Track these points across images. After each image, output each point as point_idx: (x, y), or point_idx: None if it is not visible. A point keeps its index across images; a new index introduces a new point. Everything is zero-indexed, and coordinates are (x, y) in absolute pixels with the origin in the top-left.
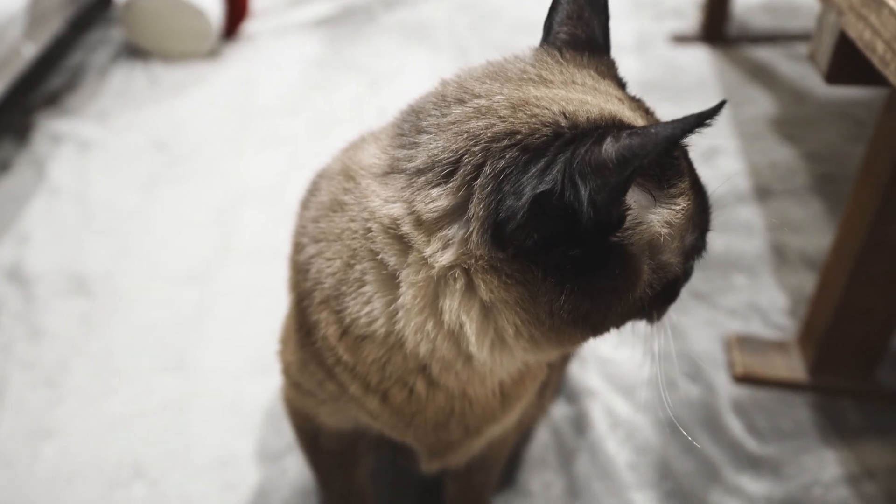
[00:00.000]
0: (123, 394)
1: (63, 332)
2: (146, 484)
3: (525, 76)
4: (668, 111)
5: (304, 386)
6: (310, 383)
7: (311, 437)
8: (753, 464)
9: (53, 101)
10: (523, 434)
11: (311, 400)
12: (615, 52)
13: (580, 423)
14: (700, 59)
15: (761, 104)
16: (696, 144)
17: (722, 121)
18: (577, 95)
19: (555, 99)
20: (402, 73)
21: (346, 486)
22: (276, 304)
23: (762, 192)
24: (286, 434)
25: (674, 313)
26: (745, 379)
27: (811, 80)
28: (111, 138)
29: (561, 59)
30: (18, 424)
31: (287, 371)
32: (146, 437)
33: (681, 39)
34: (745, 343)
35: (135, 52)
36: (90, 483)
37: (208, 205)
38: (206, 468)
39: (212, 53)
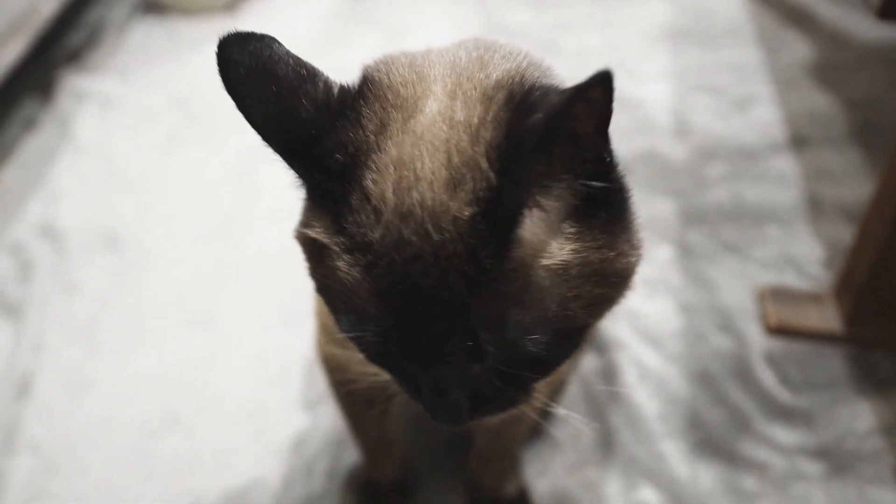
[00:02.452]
0: (155, 347)
1: (96, 287)
2: (181, 433)
3: None
4: (699, 59)
5: (332, 328)
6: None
7: (343, 385)
8: (785, 415)
9: (74, 57)
10: (554, 387)
11: (338, 344)
12: None
13: (609, 375)
14: (732, 2)
15: (798, 49)
16: (730, 93)
17: (757, 68)
18: None
19: None
20: (422, 26)
21: (377, 433)
22: (298, 259)
23: (798, 142)
24: (316, 385)
25: (705, 266)
26: (778, 331)
27: (852, 21)
28: (133, 95)
29: None
30: (58, 375)
31: (320, 314)
32: (179, 389)
33: None
34: (778, 295)
35: (152, 6)
36: (128, 433)
37: (230, 161)
38: (239, 419)
39: (229, 7)
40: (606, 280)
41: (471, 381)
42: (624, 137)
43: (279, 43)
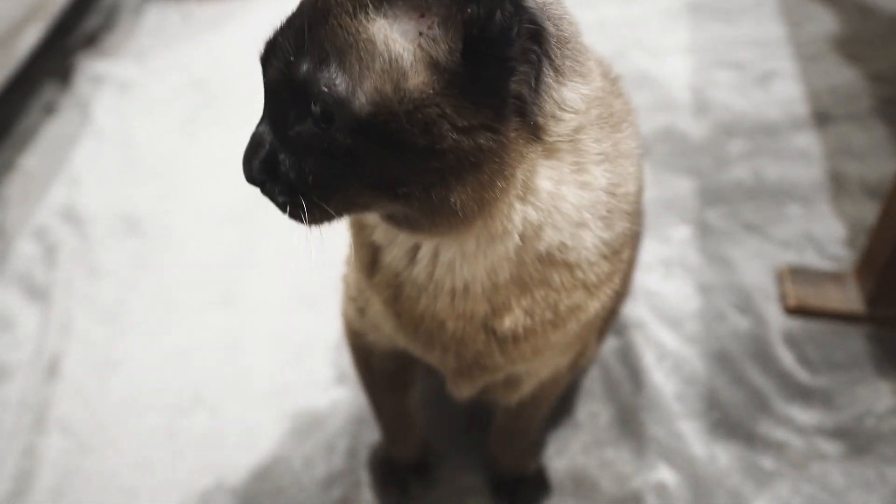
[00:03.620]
0: (178, 328)
1: (118, 270)
2: (207, 412)
3: None
4: (720, 34)
5: (358, 303)
6: (360, 300)
7: (364, 356)
8: (804, 395)
9: (92, 41)
10: (576, 373)
11: (363, 319)
12: None
13: (627, 355)
14: None
15: (822, 22)
16: (751, 69)
17: (779, 42)
18: None
19: None
20: None
21: (396, 408)
22: (318, 239)
23: (821, 118)
24: (336, 366)
25: (724, 245)
26: (797, 311)
27: None
28: (150, 78)
29: None
30: (86, 356)
31: (348, 290)
32: (203, 369)
33: None
34: (798, 274)
35: None
36: (156, 411)
37: (246, 142)
38: (262, 398)
39: None
40: (411, 109)
41: (283, 129)
42: (642, 115)
43: None
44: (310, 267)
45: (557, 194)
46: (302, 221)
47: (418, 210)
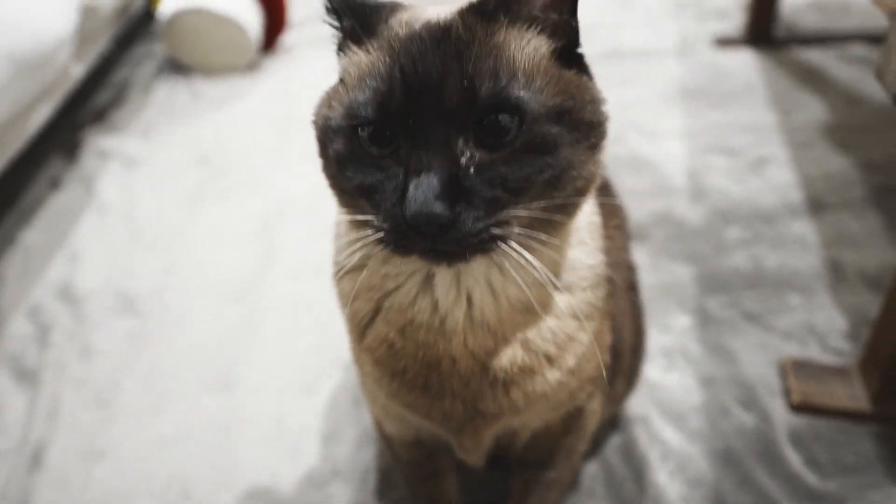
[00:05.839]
0: (171, 413)
1: (113, 351)
2: None
3: None
4: (713, 118)
5: (367, 385)
6: (360, 375)
7: (390, 445)
8: (814, 500)
9: (101, 117)
10: (582, 432)
11: (376, 405)
12: (656, 56)
13: (629, 453)
14: (745, 62)
15: (813, 110)
16: (745, 155)
17: (771, 128)
18: None
19: None
20: None
21: (430, 497)
22: (319, 320)
23: (816, 205)
24: (331, 458)
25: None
26: (802, 407)
27: (866, 83)
28: (156, 153)
29: None
30: (72, 444)
31: (365, 388)
32: (193, 457)
33: (725, 42)
34: (801, 368)
35: (177, 67)
36: None
37: (251, 218)
38: (253, 494)
39: (251, 66)
40: (567, 92)
41: (453, 166)
42: (639, 200)
43: None
44: (309, 349)
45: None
46: (493, 246)
47: (569, 195)
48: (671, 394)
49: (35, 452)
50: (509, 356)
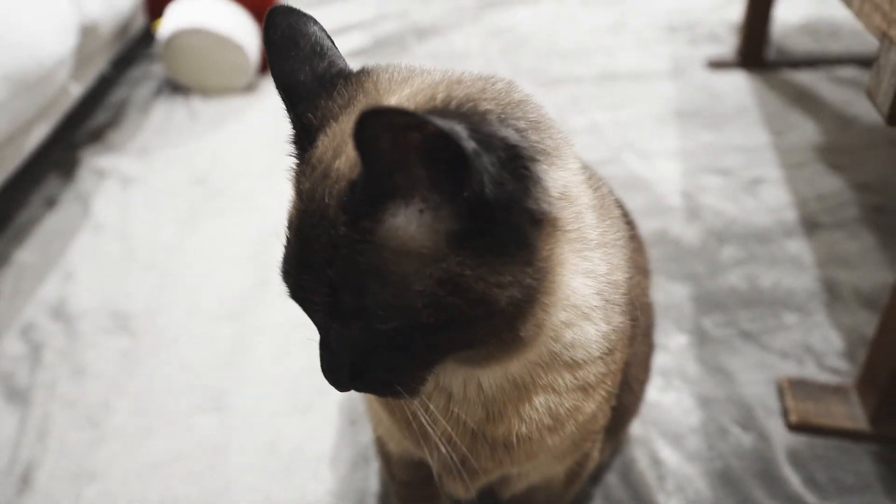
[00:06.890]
0: (162, 435)
1: (105, 371)
2: None
3: None
4: (706, 139)
5: (380, 413)
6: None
7: (386, 462)
8: None
9: (98, 136)
10: (581, 477)
11: (381, 426)
12: (650, 78)
13: (628, 474)
14: (738, 84)
15: (805, 131)
16: (739, 175)
17: (764, 149)
18: None
19: None
20: None
21: None
22: (312, 341)
23: (810, 225)
24: (323, 480)
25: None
26: (801, 427)
27: (857, 105)
28: (152, 173)
29: None
30: (62, 465)
31: (370, 406)
32: (184, 480)
33: (717, 65)
34: (799, 387)
35: (175, 87)
36: None
37: (246, 238)
38: None
39: (249, 87)
40: (461, 293)
41: (351, 343)
42: (637, 218)
43: (317, 25)
44: (303, 370)
45: (571, 286)
46: (402, 396)
47: (491, 347)
48: (669, 414)
49: (24, 473)
50: (505, 425)
